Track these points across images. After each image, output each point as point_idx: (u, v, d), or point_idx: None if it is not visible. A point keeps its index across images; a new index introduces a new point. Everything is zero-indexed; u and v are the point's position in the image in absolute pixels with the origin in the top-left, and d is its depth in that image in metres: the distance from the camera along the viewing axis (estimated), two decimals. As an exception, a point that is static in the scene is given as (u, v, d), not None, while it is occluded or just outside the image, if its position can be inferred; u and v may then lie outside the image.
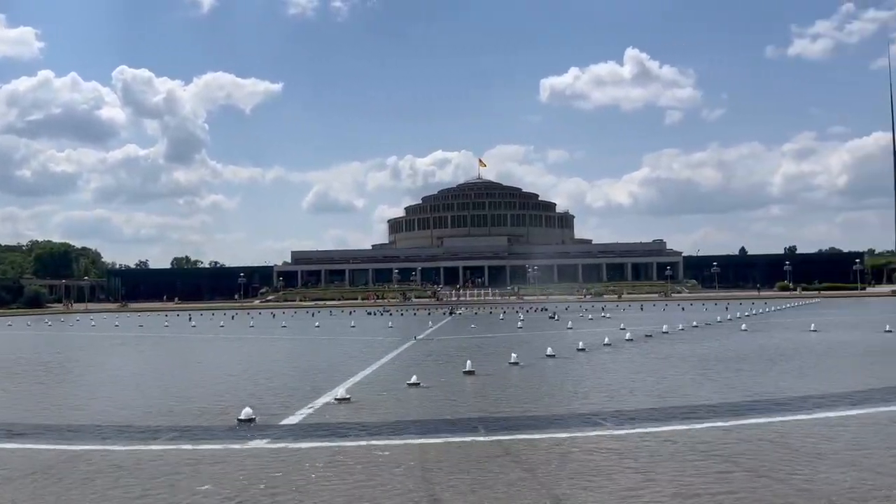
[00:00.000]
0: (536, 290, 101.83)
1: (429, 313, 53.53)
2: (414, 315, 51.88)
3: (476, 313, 52.33)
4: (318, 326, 36.99)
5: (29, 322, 53.31)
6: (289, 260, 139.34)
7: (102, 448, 7.79)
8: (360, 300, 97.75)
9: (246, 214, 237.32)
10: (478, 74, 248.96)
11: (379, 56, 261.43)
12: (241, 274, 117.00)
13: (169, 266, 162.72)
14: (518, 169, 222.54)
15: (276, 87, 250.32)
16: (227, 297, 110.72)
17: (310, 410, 10.07)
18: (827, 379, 13.01)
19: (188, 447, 7.75)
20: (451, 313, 51.92)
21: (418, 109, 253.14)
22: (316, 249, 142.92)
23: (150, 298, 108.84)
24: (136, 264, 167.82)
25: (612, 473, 6.27)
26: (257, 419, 9.19)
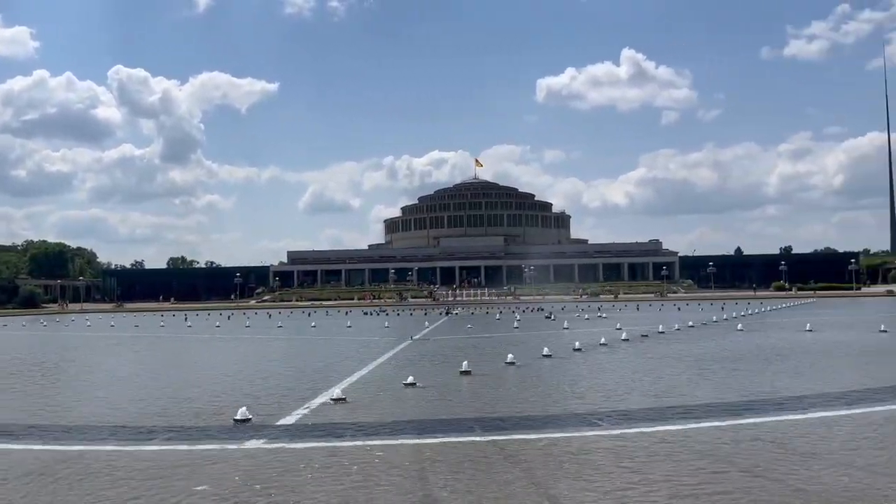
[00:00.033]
0: (533, 290, 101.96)
1: (425, 313, 53.57)
2: (410, 315, 51.84)
3: (472, 313, 52.34)
4: (314, 326, 36.98)
5: (24, 322, 53.14)
6: (285, 260, 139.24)
7: (98, 448, 7.78)
8: (357, 300, 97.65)
9: (242, 214, 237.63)
10: (474, 74, 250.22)
11: (376, 56, 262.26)
12: (238, 274, 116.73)
13: (165, 266, 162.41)
14: (514, 169, 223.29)
15: (272, 86, 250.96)
16: (223, 297, 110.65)
17: (306, 411, 10.07)
18: (822, 379, 13.03)
19: (184, 447, 7.74)
20: (447, 313, 51.91)
21: (415, 109, 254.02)
22: (312, 249, 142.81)
23: (145, 299, 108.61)
24: (132, 264, 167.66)
25: (609, 473, 6.28)
26: (253, 419, 9.19)
